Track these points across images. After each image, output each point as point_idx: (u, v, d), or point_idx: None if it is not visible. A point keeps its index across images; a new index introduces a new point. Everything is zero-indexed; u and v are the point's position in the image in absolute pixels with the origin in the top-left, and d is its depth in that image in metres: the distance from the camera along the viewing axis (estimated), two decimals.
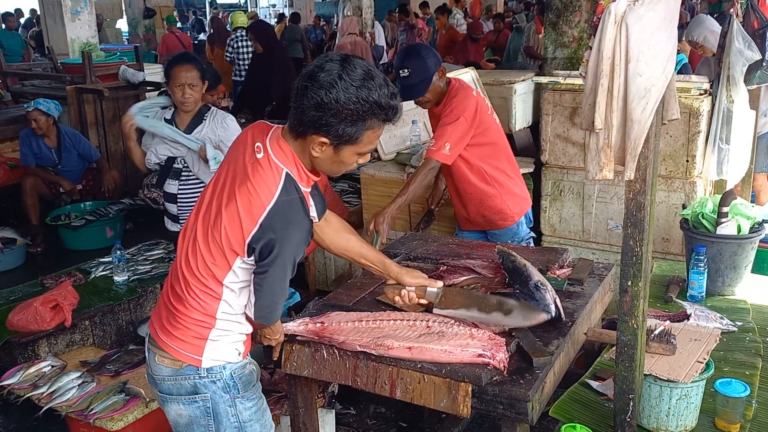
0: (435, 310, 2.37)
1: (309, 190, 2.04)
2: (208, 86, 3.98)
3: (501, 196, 3.64)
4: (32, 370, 3.62)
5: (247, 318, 2.10)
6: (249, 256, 1.96)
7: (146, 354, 2.20)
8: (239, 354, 2.12)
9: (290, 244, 1.94)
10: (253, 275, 2.01)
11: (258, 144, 1.99)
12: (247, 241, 1.92)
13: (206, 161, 3.70)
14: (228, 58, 10.38)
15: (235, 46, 10.31)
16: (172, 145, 3.85)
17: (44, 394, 3.45)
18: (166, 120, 3.91)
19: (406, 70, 3.43)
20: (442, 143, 3.39)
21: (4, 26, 14.33)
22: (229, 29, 12.05)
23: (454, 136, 3.40)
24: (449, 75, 5.44)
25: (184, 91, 3.77)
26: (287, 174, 1.94)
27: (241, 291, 2.04)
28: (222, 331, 2.06)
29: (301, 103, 1.87)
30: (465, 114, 3.42)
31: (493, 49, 11.03)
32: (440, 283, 2.40)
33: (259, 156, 1.96)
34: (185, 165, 3.88)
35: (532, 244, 3.85)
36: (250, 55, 9.33)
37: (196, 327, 2.05)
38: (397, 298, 2.38)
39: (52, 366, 3.67)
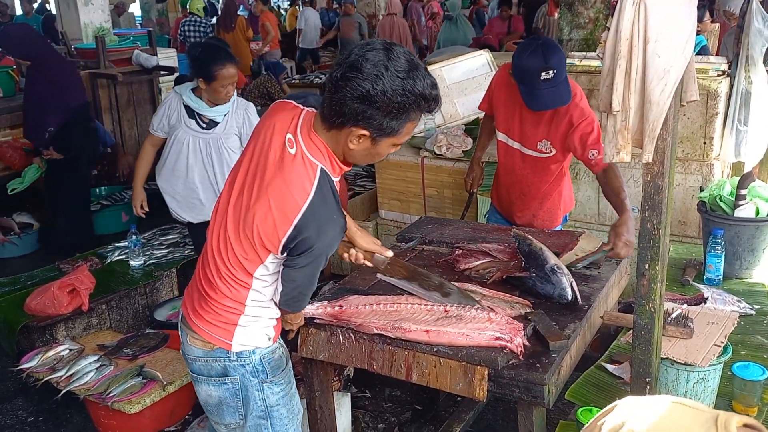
0: (378, 275, 2.46)
1: (338, 179, 2.00)
2: None
3: (560, 198, 3.43)
4: (50, 353, 3.67)
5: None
6: (283, 254, 1.94)
7: (180, 333, 2.22)
8: (269, 339, 2.13)
9: (325, 242, 1.92)
10: (283, 266, 1.99)
11: (289, 136, 1.92)
12: (282, 242, 1.89)
13: None
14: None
15: (186, 31, 10.23)
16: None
17: (62, 378, 3.49)
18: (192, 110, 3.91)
19: (550, 72, 2.89)
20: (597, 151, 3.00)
21: (22, 12, 14.37)
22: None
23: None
24: (462, 58, 5.42)
25: (228, 90, 3.79)
26: (322, 170, 1.89)
27: (272, 282, 2.04)
28: (252, 317, 2.06)
29: (342, 95, 1.79)
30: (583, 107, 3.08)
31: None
32: (390, 253, 2.39)
33: (292, 151, 1.90)
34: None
35: None
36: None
37: (226, 313, 2.05)
38: (345, 255, 2.38)
39: (70, 350, 3.71)
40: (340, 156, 1.95)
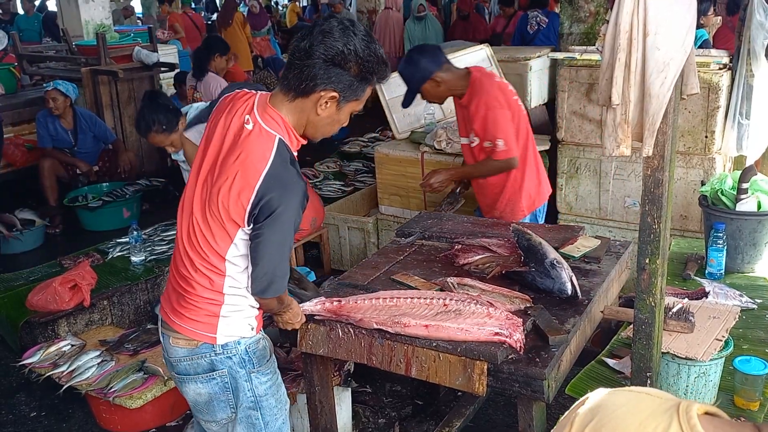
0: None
1: (296, 154, 2.03)
2: None
3: (520, 190, 3.59)
4: (52, 349, 3.68)
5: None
6: (249, 225, 1.94)
7: (161, 338, 2.21)
8: (252, 329, 2.14)
9: (288, 207, 1.91)
10: (250, 245, 1.98)
11: (247, 117, 1.98)
12: (247, 210, 1.91)
13: None
14: None
15: None
16: None
17: (64, 373, 3.50)
18: None
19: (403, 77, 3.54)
20: (506, 138, 3.40)
21: (22, 11, 14.38)
22: None
23: (501, 128, 3.39)
24: (462, 53, 5.41)
25: (169, 148, 4.07)
26: (279, 139, 1.94)
27: (244, 266, 2.03)
28: (232, 306, 2.07)
29: (315, 60, 1.88)
30: (496, 103, 3.41)
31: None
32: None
33: (249, 127, 1.96)
34: None
35: None
36: None
37: (206, 305, 2.05)
38: None
39: (72, 345, 3.72)
40: (300, 128, 2.02)
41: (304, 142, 2.06)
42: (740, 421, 0.96)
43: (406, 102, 3.61)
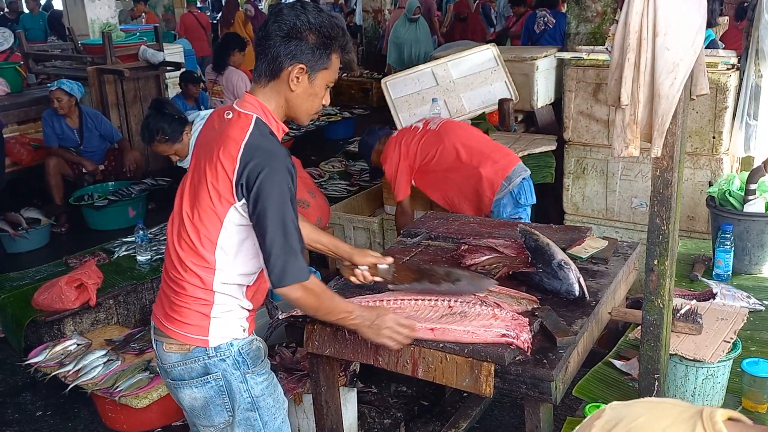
0: (390, 287, 2.46)
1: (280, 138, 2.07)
2: None
3: (477, 183, 3.93)
4: (58, 348, 3.68)
5: (249, 296, 2.11)
6: (240, 199, 1.95)
7: (154, 345, 2.20)
8: (244, 330, 2.13)
9: (274, 169, 1.91)
10: (253, 230, 1.96)
11: (227, 111, 2.07)
12: (233, 180, 1.93)
13: None
14: None
15: None
16: None
17: (70, 372, 3.50)
18: None
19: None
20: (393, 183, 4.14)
21: (27, 10, 14.42)
22: None
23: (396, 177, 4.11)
24: (468, 53, 5.40)
25: (171, 158, 4.16)
26: (257, 118, 2.00)
27: (234, 256, 2.03)
28: (222, 306, 2.07)
29: (270, 44, 1.98)
30: (388, 162, 4.13)
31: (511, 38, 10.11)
32: (390, 259, 2.47)
33: (229, 116, 2.04)
34: None
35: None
36: None
37: (197, 306, 2.05)
38: (352, 278, 2.46)
39: (78, 344, 3.72)
40: (281, 112, 2.07)
41: (286, 129, 2.11)
42: (763, 426, 0.94)
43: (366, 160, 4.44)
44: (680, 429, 0.91)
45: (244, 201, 1.95)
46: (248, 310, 2.15)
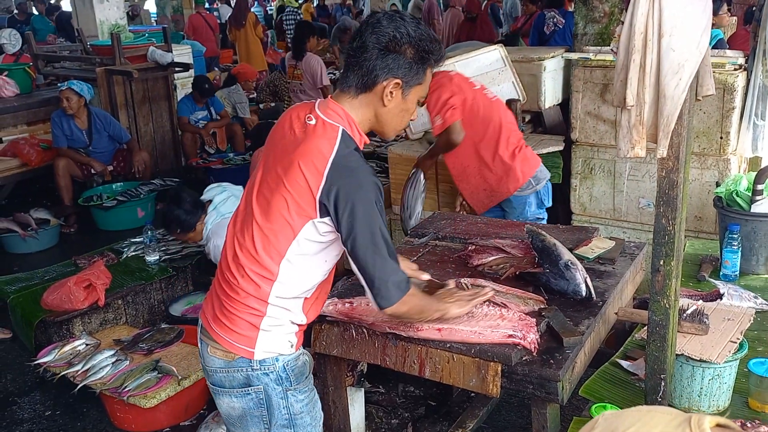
0: None
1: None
2: None
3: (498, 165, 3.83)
4: (67, 348, 3.71)
5: (306, 309, 2.06)
6: (323, 216, 1.88)
7: (199, 344, 2.16)
8: (292, 346, 2.06)
9: (364, 192, 1.86)
10: (348, 257, 1.92)
11: (309, 114, 1.97)
12: (317, 197, 1.86)
13: None
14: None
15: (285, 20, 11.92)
16: None
17: (79, 372, 3.52)
18: None
19: None
20: (442, 113, 3.75)
21: (36, 11, 14.51)
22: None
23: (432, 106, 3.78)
24: (476, 53, 5.40)
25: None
26: (343, 130, 1.92)
27: (300, 269, 1.97)
28: (273, 319, 2.00)
29: (367, 56, 1.91)
30: (442, 88, 3.76)
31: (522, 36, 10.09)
32: (426, 276, 2.39)
33: (312, 122, 1.95)
34: None
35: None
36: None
37: (247, 315, 1.99)
38: None
39: (87, 344, 3.75)
40: (366, 125, 2.01)
41: (368, 141, 2.04)
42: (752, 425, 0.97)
43: None
44: None
45: (328, 219, 1.89)
46: (299, 325, 2.08)
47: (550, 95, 5.28)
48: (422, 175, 4.05)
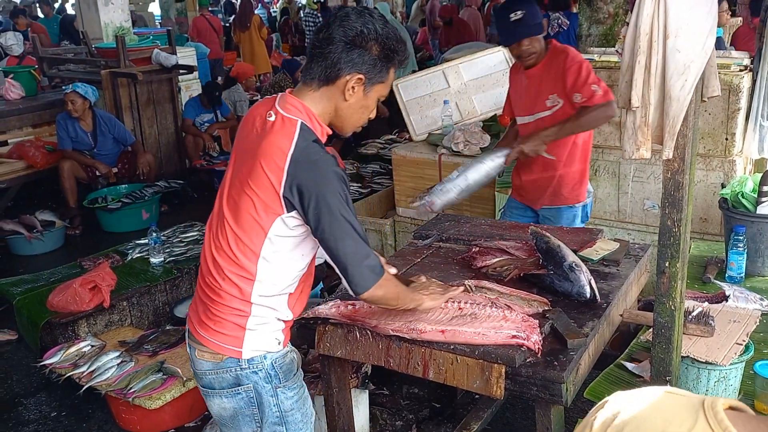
0: None
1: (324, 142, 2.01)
2: None
3: (585, 168, 3.50)
4: (72, 349, 3.72)
5: (290, 305, 2.07)
6: (289, 211, 1.90)
7: (188, 351, 2.18)
8: (279, 343, 2.08)
9: (326, 182, 1.87)
10: (319, 245, 1.93)
11: (269, 112, 1.98)
12: (280, 193, 1.87)
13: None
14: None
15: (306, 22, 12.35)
16: None
17: (84, 373, 3.53)
18: None
19: (518, 13, 3.24)
20: (600, 83, 3.19)
21: (42, 15, 14.56)
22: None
23: (594, 75, 3.24)
24: (480, 55, 5.40)
25: None
26: (302, 123, 1.93)
27: (278, 265, 1.98)
28: (259, 318, 2.02)
29: (336, 45, 1.90)
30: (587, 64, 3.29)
31: None
32: (394, 270, 2.33)
33: (272, 119, 1.95)
34: None
35: None
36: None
37: (232, 316, 2.01)
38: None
39: (92, 346, 3.75)
40: (326, 118, 2.00)
41: (330, 132, 2.04)
42: (763, 416, 0.95)
43: (538, 30, 3.31)
44: (681, 418, 0.91)
45: (294, 213, 1.90)
46: (285, 322, 2.09)
47: None
48: (503, 160, 3.28)
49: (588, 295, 2.40)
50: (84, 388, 3.47)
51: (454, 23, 10.75)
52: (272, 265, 1.98)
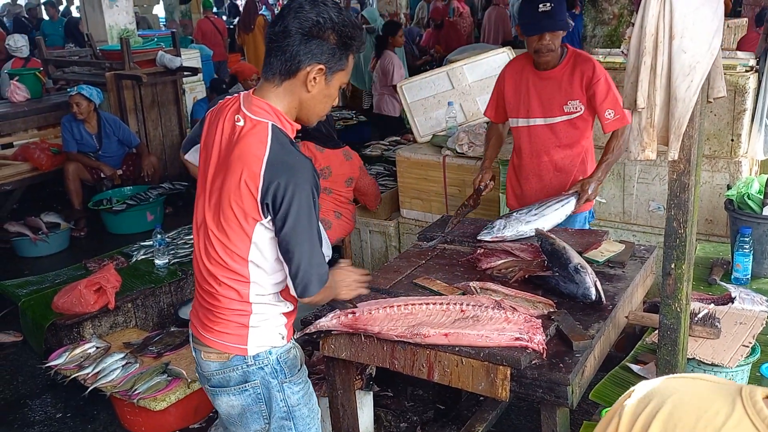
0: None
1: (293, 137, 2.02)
2: None
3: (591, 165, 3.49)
4: (77, 351, 3.72)
5: (286, 297, 2.09)
6: (266, 217, 1.91)
7: (193, 353, 2.20)
8: (283, 338, 2.11)
9: (300, 189, 1.87)
10: (278, 244, 1.95)
11: (237, 116, 1.97)
12: (258, 199, 1.88)
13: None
14: None
15: None
16: None
17: (89, 375, 3.54)
18: None
19: (548, 4, 3.20)
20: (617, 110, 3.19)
21: (47, 17, 14.62)
22: None
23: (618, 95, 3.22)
24: (485, 56, 5.40)
25: None
26: (273, 126, 1.93)
27: (268, 267, 2.00)
28: (261, 315, 2.05)
29: (289, 41, 1.90)
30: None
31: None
32: None
33: (240, 123, 1.95)
34: None
35: None
36: None
37: (235, 317, 2.03)
38: None
39: (97, 347, 3.76)
40: (292, 113, 2.01)
41: (298, 126, 2.04)
42: None
43: (562, 25, 3.28)
44: (718, 405, 0.87)
45: (270, 218, 1.91)
46: (286, 316, 2.11)
47: None
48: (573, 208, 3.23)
49: (593, 297, 2.40)
50: (89, 390, 3.47)
51: (444, 26, 10.77)
52: (263, 267, 2.00)
